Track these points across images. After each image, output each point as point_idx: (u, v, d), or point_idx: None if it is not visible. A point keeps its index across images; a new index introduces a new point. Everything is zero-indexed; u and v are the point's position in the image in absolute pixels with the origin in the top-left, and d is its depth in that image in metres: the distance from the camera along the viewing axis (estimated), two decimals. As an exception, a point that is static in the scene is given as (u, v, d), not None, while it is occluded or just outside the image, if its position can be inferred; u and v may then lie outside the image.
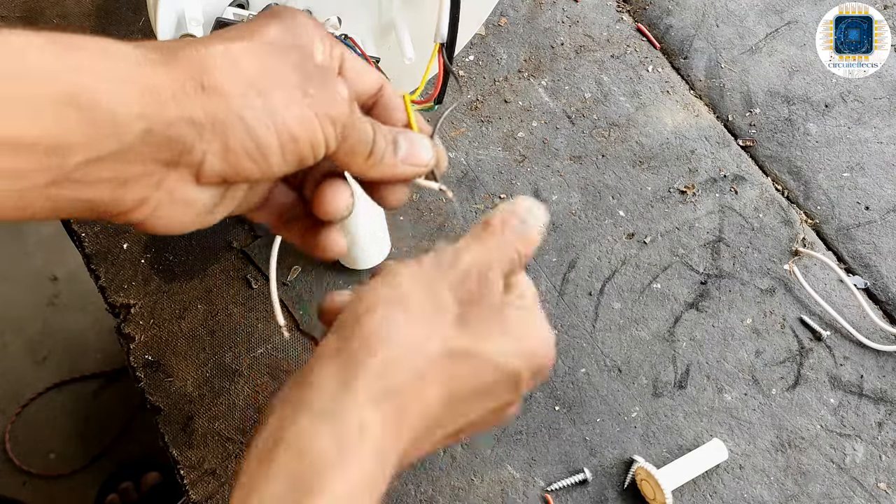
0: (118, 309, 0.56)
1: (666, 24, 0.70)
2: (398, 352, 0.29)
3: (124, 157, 0.27)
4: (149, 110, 0.27)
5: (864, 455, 0.53)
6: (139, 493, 1.14)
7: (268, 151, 0.30)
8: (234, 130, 0.29)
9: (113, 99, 0.27)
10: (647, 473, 0.50)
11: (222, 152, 0.29)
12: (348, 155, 0.33)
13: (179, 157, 0.29)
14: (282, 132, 0.30)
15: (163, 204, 0.30)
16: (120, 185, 0.28)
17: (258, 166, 0.30)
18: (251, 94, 0.29)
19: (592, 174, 0.62)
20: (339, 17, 0.54)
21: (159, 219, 0.30)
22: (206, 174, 0.30)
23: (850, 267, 0.60)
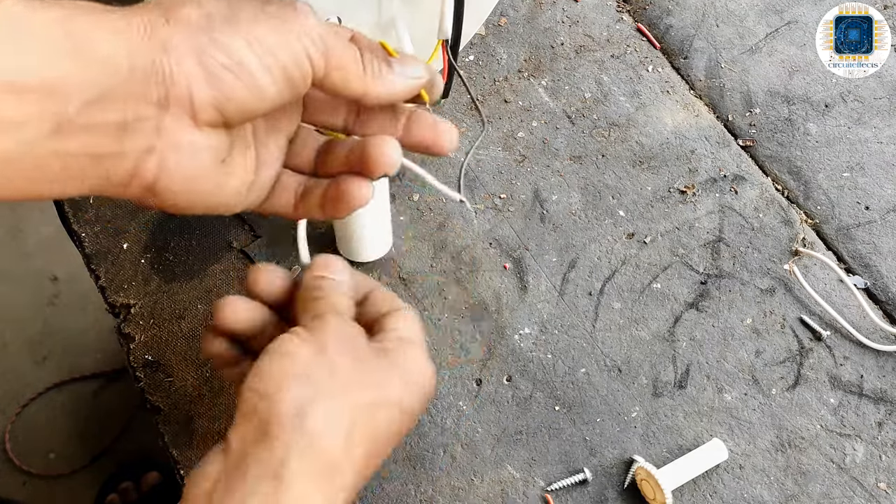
0: (118, 309, 0.56)
1: (666, 24, 0.70)
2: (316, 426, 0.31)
3: (118, 97, 0.28)
4: (129, 48, 0.28)
5: (864, 455, 0.53)
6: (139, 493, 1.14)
7: (249, 67, 0.30)
8: (208, 49, 0.29)
9: (98, 39, 0.27)
10: (647, 473, 0.50)
11: (205, 76, 0.29)
12: (342, 71, 0.32)
13: (167, 94, 0.29)
14: (255, 45, 0.30)
15: (168, 152, 0.30)
16: (121, 130, 0.28)
17: (247, 88, 0.30)
18: (217, 18, 0.30)
19: (592, 174, 0.62)
20: (339, 17, 0.54)
21: (170, 172, 0.30)
22: (199, 109, 0.29)
23: (850, 267, 0.60)
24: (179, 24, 0.29)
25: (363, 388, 0.33)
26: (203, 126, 0.30)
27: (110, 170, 0.29)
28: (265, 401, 0.32)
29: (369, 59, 0.33)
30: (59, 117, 0.27)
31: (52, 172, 0.28)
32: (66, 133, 0.27)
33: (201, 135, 0.30)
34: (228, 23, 0.30)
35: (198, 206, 0.32)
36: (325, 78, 0.32)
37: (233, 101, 0.30)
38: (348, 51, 0.33)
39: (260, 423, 0.31)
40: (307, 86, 0.32)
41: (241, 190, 0.34)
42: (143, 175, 0.30)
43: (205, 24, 0.30)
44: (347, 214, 0.36)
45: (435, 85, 0.36)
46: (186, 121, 0.30)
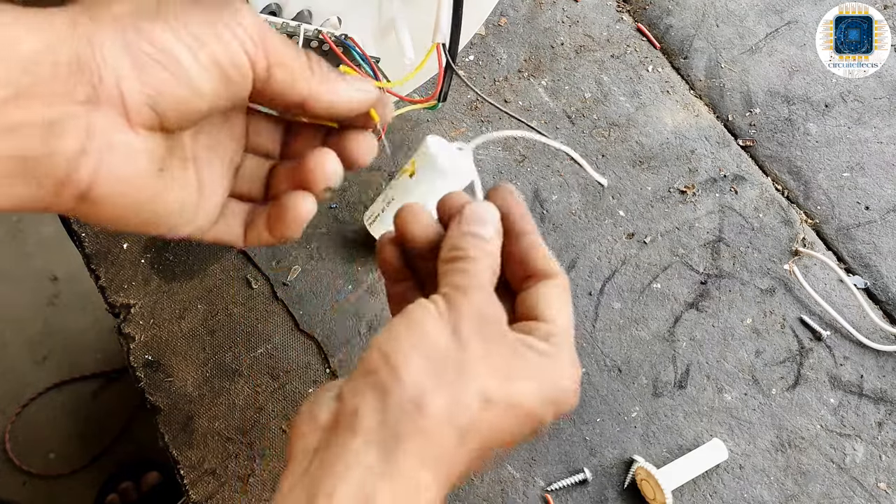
0: (118, 309, 0.56)
1: (666, 24, 0.70)
2: (442, 414, 0.29)
3: (40, 94, 0.26)
4: (49, 41, 0.26)
5: (864, 455, 0.53)
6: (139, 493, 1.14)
7: (178, 57, 0.28)
8: (135, 41, 0.28)
9: (10, 38, 0.26)
10: (647, 473, 0.50)
11: (134, 71, 0.28)
12: (285, 69, 0.31)
13: (96, 91, 0.27)
14: (185, 37, 0.28)
15: (101, 153, 0.28)
16: (47, 131, 0.27)
17: (178, 82, 0.28)
18: (144, 12, 0.28)
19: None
20: (339, 17, 0.54)
21: (104, 176, 0.28)
22: (131, 107, 0.28)
23: (850, 267, 0.60)
24: (104, 18, 0.28)
25: (494, 380, 0.30)
26: (138, 128, 0.29)
27: (41, 175, 0.27)
28: (388, 368, 0.29)
29: (316, 61, 0.32)
30: None
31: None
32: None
33: (136, 136, 0.29)
34: (156, 16, 0.28)
35: (132, 217, 0.30)
36: (268, 77, 0.31)
37: (165, 95, 0.28)
38: (290, 48, 0.31)
39: (378, 387, 0.29)
40: (247, 84, 0.31)
41: (184, 208, 0.32)
42: (76, 181, 0.28)
43: (131, 18, 0.28)
44: (295, 232, 0.35)
45: (386, 105, 0.35)
46: (119, 121, 0.28)
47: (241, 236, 0.36)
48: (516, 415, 0.31)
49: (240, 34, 0.30)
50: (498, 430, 0.30)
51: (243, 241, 0.36)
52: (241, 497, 0.51)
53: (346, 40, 0.52)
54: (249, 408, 0.53)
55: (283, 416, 0.53)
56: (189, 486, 0.51)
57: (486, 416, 0.30)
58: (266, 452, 0.52)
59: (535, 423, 0.32)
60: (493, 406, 0.30)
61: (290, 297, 0.56)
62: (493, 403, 0.30)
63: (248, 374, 0.54)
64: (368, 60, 0.53)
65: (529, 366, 0.31)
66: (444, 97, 0.52)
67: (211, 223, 0.35)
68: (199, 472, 0.52)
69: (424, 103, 0.54)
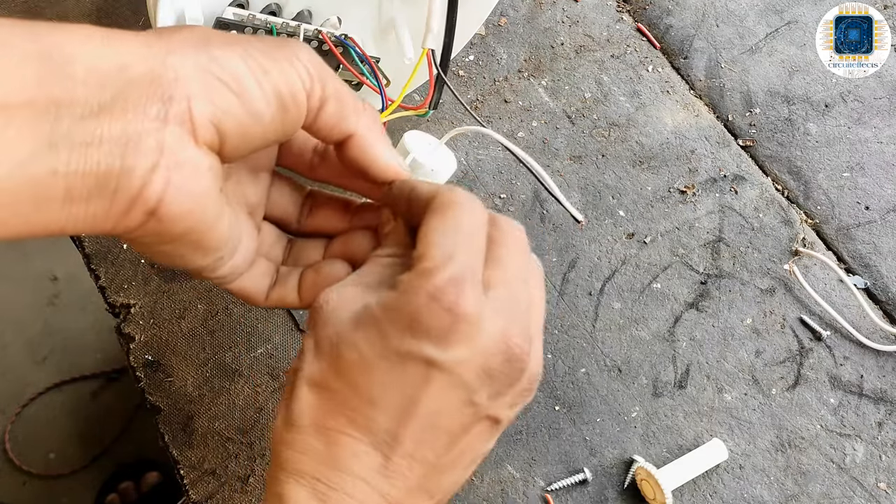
0: (118, 309, 0.56)
1: (666, 24, 0.70)
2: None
3: (115, 110, 0.27)
4: (124, 59, 0.27)
5: (864, 455, 0.53)
6: (139, 493, 1.14)
7: (246, 83, 0.29)
8: (208, 65, 0.29)
9: (87, 55, 0.27)
10: (647, 473, 0.50)
11: (204, 91, 0.28)
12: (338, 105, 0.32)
13: (167, 109, 0.28)
14: (251, 64, 0.30)
15: (172, 170, 0.28)
16: (123, 145, 0.27)
17: (243, 106, 0.29)
18: (212, 40, 0.30)
19: (592, 174, 0.62)
20: (339, 17, 0.54)
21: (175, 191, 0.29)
22: (199, 125, 0.29)
23: (850, 267, 0.60)
24: (177, 42, 0.29)
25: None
26: (202, 145, 0.29)
27: (116, 191, 0.28)
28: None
29: (370, 105, 0.34)
30: (53, 134, 0.26)
31: (55, 195, 0.27)
32: (65, 150, 0.26)
33: (201, 153, 0.29)
34: (225, 42, 0.30)
35: (190, 242, 0.31)
36: (320, 109, 0.32)
37: (229, 117, 0.29)
38: (343, 86, 0.33)
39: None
40: (301, 115, 0.32)
41: (230, 241, 0.33)
42: (147, 196, 0.28)
43: (202, 43, 0.29)
44: None
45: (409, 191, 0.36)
46: (187, 138, 0.29)
47: (263, 293, 0.37)
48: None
49: (299, 67, 0.31)
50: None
51: (265, 298, 0.37)
52: (241, 497, 0.51)
53: (346, 40, 0.52)
54: (249, 408, 0.53)
55: (283, 416, 0.53)
56: (189, 486, 0.51)
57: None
58: (266, 452, 0.52)
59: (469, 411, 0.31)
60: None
61: (290, 297, 0.56)
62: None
63: (248, 374, 0.54)
64: (368, 60, 0.53)
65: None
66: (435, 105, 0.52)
67: (245, 267, 0.36)
68: (199, 472, 0.52)
69: (416, 111, 0.54)
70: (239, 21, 0.47)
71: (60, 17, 0.65)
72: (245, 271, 0.36)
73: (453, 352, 0.29)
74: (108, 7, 0.66)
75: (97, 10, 0.66)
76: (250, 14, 0.48)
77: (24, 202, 0.26)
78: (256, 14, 0.48)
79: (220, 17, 0.46)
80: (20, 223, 0.27)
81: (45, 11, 0.65)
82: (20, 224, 0.27)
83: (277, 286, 0.37)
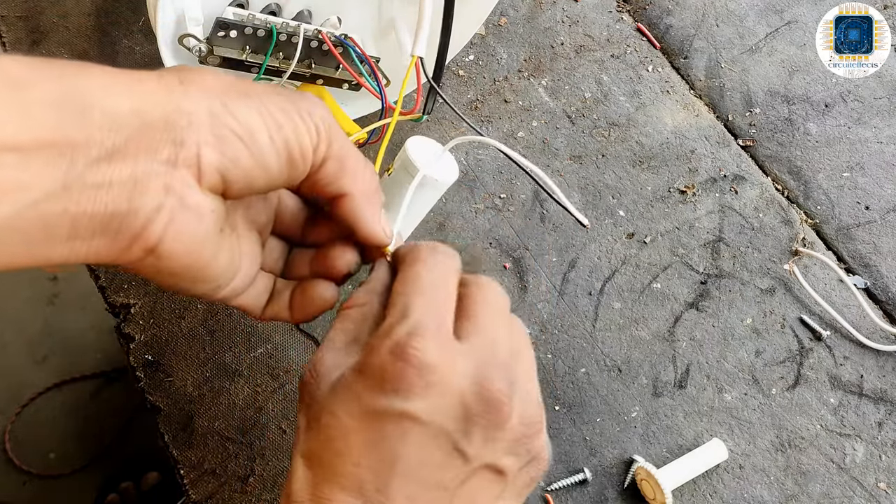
0: (118, 309, 0.56)
1: (666, 23, 0.70)
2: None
3: (128, 153, 0.28)
4: (140, 104, 0.28)
5: (864, 455, 0.53)
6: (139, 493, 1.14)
7: (256, 136, 0.30)
8: (222, 115, 0.30)
9: (104, 97, 0.27)
10: (647, 473, 0.50)
11: (215, 141, 0.29)
12: (339, 162, 0.34)
13: (177, 154, 0.29)
14: (266, 117, 0.31)
15: (176, 211, 0.29)
16: (132, 187, 0.28)
17: (253, 158, 0.30)
18: (231, 90, 0.31)
19: (592, 174, 0.62)
20: (338, 17, 0.54)
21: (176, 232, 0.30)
22: (205, 172, 0.30)
23: (850, 267, 0.60)
24: (195, 87, 0.30)
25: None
26: (206, 190, 0.30)
27: (119, 229, 0.28)
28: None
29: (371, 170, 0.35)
30: (68, 176, 0.26)
31: (61, 232, 0.27)
32: (76, 191, 0.27)
33: (206, 198, 0.30)
34: (243, 93, 0.31)
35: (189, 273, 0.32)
36: (321, 166, 0.33)
37: (237, 166, 0.30)
38: (349, 147, 0.34)
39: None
40: (306, 169, 0.33)
41: (228, 271, 0.34)
42: (148, 236, 0.29)
43: (220, 90, 0.30)
44: (316, 316, 0.38)
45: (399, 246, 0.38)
46: (192, 182, 0.30)
47: (261, 309, 0.38)
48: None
49: (310, 124, 0.32)
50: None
51: (262, 314, 0.38)
52: (241, 497, 0.51)
53: (346, 40, 0.52)
54: (249, 408, 0.53)
55: (283, 416, 0.53)
56: (189, 486, 0.51)
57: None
58: (266, 452, 0.52)
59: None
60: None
61: (290, 297, 0.56)
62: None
63: (248, 374, 0.54)
64: (368, 60, 0.53)
65: None
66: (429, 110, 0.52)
67: (243, 288, 0.37)
68: (199, 472, 0.52)
69: (409, 115, 0.54)
70: (239, 21, 0.47)
71: (61, 16, 0.65)
72: (244, 291, 0.37)
73: (422, 401, 0.29)
74: (108, 7, 0.66)
75: (97, 10, 0.66)
76: (250, 14, 0.48)
77: (31, 238, 0.27)
78: (256, 14, 0.48)
79: (220, 17, 0.46)
80: (25, 256, 0.28)
81: (45, 11, 0.65)
82: (25, 257, 0.28)
83: (272, 303, 0.38)
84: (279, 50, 0.50)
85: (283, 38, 0.49)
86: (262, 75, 0.51)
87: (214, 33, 0.47)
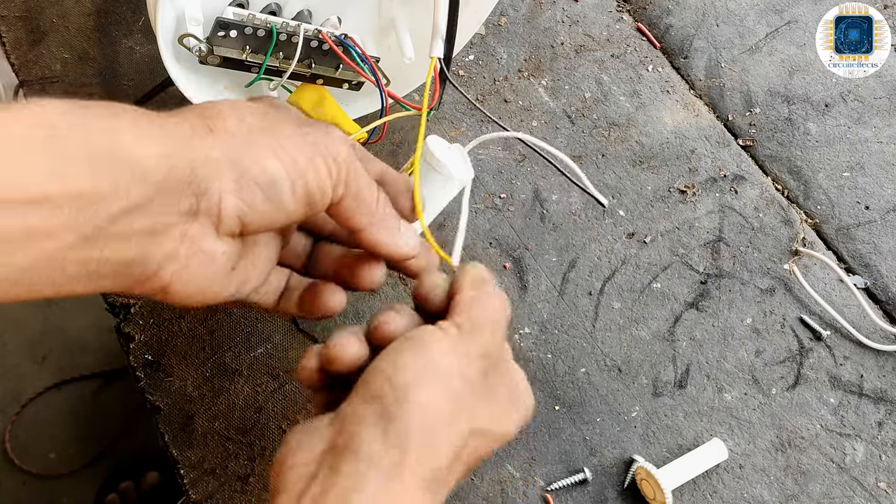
0: (118, 308, 0.56)
1: (666, 23, 0.70)
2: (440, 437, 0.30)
3: (151, 205, 0.28)
4: (169, 153, 0.29)
5: (864, 455, 0.53)
6: (139, 493, 1.14)
7: (278, 185, 0.31)
8: (246, 164, 0.30)
9: (134, 145, 0.28)
10: (647, 473, 0.50)
11: (236, 189, 0.30)
12: (355, 200, 0.34)
13: (199, 203, 0.30)
14: (288, 164, 0.31)
15: (190, 258, 0.30)
16: (150, 237, 0.29)
17: (271, 202, 0.31)
18: (257, 133, 0.31)
19: (592, 174, 0.62)
20: (338, 17, 0.54)
21: (188, 277, 0.31)
22: (224, 219, 0.31)
23: (850, 266, 0.60)
24: (223, 134, 0.30)
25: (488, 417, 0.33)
26: (223, 235, 0.31)
27: (132, 274, 0.29)
28: (394, 394, 0.30)
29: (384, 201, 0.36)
30: (90, 227, 0.27)
31: (79, 277, 0.28)
32: (96, 242, 0.27)
33: (221, 243, 0.31)
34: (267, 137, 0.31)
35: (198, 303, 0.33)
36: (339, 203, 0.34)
37: (256, 212, 0.31)
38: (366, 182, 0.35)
39: (383, 413, 0.30)
40: (323, 208, 0.34)
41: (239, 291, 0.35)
42: (161, 277, 0.30)
43: (245, 137, 0.31)
44: (322, 318, 0.38)
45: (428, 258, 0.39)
46: (210, 229, 0.31)
47: (273, 303, 0.39)
48: (496, 441, 0.33)
49: (332, 168, 0.33)
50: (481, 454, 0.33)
51: (273, 307, 0.39)
52: (241, 497, 0.51)
53: (346, 40, 0.52)
54: (249, 408, 0.53)
55: (283, 416, 0.53)
56: (189, 485, 0.51)
57: (473, 442, 0.32)
58: (266, 452, 0.52)
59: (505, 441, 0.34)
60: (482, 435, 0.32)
61: (290, 297, 0.56)
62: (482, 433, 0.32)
63: (248, 374, 0.54)
64: (368, 60, 0.53)
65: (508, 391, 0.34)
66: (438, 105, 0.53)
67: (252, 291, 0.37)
68: (199, 471, 0.52)
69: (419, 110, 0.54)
70: (239, 21, 0.47)
71: (61, 16, 0.65)
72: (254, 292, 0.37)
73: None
74: (108, 7, 0.66)
75: (97, 10, 0.66)
76: (250, 14, 0.48)
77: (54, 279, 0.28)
78: (256, 14, 0.48)
79: (220, 17, 0.46)
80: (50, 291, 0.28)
81: (45, 11, 0.65)
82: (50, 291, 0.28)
83: (284, 299, 0.39)
84: (279, 50, 0.50)
85: (283, 38, 0.49)
86: (262, 75, 0.51)
87: (214, 33, 0.47)
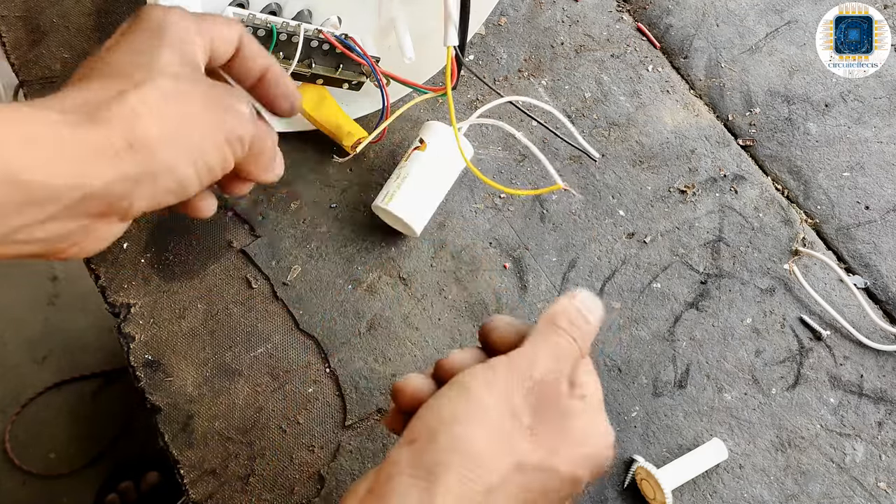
0: (118, 309, 0.56)
1: (666, 23, 0.70)
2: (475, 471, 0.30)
3: (61, 219, 0.30)
4: (82, 178, 0.30)
5: (864, 455, 0.53)
6: (139, 493, 1.14)
7: (188, 184, 0.34)
8: (163, 178, 0.32)
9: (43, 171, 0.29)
10: (647, 473, 0.50)
11: (150, 196, 0.33)
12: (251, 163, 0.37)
13: (110, 209, 0.32)
14: (201, 166, 0.34)
15: (90, 243, 0.33)
16: (57, 241, 0.31)
17: (178, 197, 0.34)
18: (176, 141, 0.33)
19: (592, 174, 0.62)
20: (339, 17, 0.54)
21: (81, 252, 0.33)
22: (131, 215, 0.33)
23: (850, 266, 0.60)
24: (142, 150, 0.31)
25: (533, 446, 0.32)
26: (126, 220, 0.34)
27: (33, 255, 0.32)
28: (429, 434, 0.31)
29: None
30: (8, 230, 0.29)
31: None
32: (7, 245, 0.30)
33: (121, 226, 0.34)
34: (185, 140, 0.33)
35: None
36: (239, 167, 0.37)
37: (162, 205, 0.34)
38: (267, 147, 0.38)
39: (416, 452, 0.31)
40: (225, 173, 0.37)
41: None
42: (59, 255, 0.33)
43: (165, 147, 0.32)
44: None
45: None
46: (115, 220, 0.33)
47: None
48: (555, 482, 0.32)
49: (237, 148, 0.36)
50: (535, 492, 0.31)
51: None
52: (241, 497, 0.51)
53: (346, 40, 0.52)
54: (249, 408, 0.53)
55: (283, 416, 0.53)
56: (189, 485, 0.51)
57: (520, 478, 0.31)
58: (266, 452, 0.52)
59: (576, 484, 0.33)
60: (534, 471, 0.31)
61: (289, 297, 0.56)
62: (534, 468, 0.31)
63: (248, 374, 0.54)
64: (369, 60, 0.53)
65: (574, 432, 0.33)
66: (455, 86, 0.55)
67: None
68: (199, 471, 0.52)
69: (438, 92, 0.55)
70: (239, 21, 0.47)
71: (60, 16, 0.65)
72: None
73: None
74: (108, 7, 0.66)
75: (97, 10, 0.66)
76: (250, 14, 0.48)
77: None
78: (256, 14, 0.48)
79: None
80: None
81: (45, 11, 0.65)
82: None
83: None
84: (279, 49, 0.50)
85: (283, 38, 0.49)
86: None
87: (214, 33, 0.47)
